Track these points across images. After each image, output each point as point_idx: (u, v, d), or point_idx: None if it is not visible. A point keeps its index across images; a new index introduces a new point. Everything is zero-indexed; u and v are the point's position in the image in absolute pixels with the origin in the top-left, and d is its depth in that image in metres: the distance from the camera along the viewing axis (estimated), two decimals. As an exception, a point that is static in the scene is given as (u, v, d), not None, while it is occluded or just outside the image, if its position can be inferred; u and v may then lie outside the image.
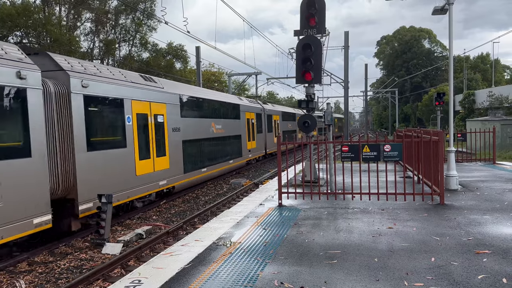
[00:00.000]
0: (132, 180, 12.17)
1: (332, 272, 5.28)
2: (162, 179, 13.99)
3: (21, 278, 7.90)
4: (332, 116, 12.44)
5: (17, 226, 8.03)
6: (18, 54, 8.47)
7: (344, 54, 32.35)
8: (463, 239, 6.52)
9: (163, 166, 14.06)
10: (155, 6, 38.41)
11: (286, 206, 9.69)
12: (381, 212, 8.63)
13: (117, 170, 11.41)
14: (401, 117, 72.07)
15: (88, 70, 10.81)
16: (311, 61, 11.16)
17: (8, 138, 8.00)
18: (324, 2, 11.47)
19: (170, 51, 44.25)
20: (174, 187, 15.15)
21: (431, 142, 9.68)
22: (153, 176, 13.45)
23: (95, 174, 10.48)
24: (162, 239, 10.40)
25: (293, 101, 78.65)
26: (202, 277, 5.29)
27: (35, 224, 8.44)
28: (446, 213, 8.38)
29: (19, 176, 8.03)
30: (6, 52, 8.19)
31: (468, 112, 46.29)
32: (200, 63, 30.93)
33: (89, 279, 7.67)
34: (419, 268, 5.32)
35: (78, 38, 34.85)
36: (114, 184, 11.21)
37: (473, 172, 14.49)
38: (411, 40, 76.09)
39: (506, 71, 79.75)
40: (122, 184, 11.64)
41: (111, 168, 11.16)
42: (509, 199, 9.55)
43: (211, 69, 57.52)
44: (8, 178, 7.79)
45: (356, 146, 9.24)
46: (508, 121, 30.01)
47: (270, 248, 6.40)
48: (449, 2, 11.19)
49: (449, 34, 11.30)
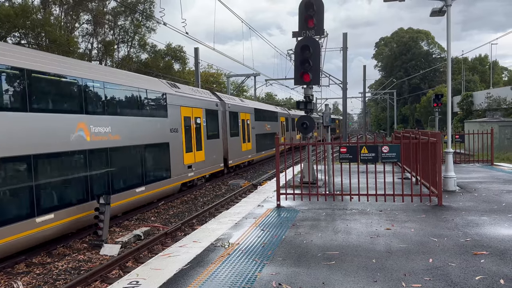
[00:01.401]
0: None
1: (330, 273, 5.28)
2: None
3: (19, 279, 7.88)
4: (330, 117, 12.46)
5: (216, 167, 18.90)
6: (210, 94, 20.41)
7: (342, 55, 32.38)
8: (461, 240, 6.53)
9: None
10: (154, 7, 38.45)
11: (284, 207, 9.69)
12: (379, 213, 8.63)
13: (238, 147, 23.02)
14: (399, 118, 72.16)
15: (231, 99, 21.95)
16: (310, 62, 11.17)
17: (215, 130, 19.76)
18: (323, 4, 11.50)
19: (169, 52, 44.25)
20: None
21: (429, 144, 9.70)
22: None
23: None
24: (160, 240, 10.39)
25: (292, 102, 78.77)
26: (200, 278, 5.28)
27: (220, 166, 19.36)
28: (444, 214, 8.39)
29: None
30: (209, 95, 19.74)
31: (466, 113, 46.37)
32: (199, 64, 30.92)
33: (87, 280, 7.66)
34: (417, 269, 5.33)
35: (77, 39, 34.83)
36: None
37: (471, 174, 14.51)
38: (409, 41, 76.27)
39: (504, 72, 79.90)
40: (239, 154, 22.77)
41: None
42: (507, 201, 9.57)
43: (209, 70, 57.55)
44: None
45: (354, 147, 9.25)
46: (506, 123, 30.08)
47: (268, 249, 6.40)
48: (447, 4, 11.21)
49: (447, 35, 11.33)
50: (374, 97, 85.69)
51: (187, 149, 16.68)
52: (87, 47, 37.40)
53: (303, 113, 11.95)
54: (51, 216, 9.33)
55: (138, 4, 37.13)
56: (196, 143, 17.62)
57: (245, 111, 25.55)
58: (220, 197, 16.46)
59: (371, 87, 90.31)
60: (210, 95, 20.74)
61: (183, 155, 16.28)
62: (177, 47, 44.94)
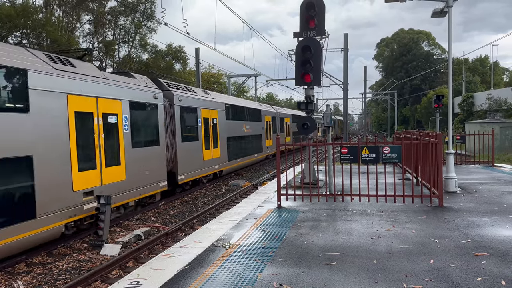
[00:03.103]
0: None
1: (331, 274, 5.28)
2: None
3: (19, 279, 7.88)
4: (331, 118, 12.45)
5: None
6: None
7: (343, 56, 32.40)
8: (462, 241, 6.52)
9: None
10: (155, 8, 38.47)
11: (285, 207, 9.68)
12: (380, 214, 8.63)
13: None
14: (400, 119, 72.17)
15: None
16: (311, 63, 11.17)
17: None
18: (324, 4, 11.49)
19: (170, 52, 44.27)
20: None
21: (430, 144, 9.69)
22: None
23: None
24: (161, 241, 10.39)
25: (292, 102, 78.77)
26: (200, 279, 5.28)
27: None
28: (445, 215, 8.38)
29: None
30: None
31: (467, 114, 46.37)
32: (200, 64, 30.94)
33: (88, 280, 7.66)
34: (418, 270, 5.32)
35: (77, 39, 34.87)
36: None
37: (472, 175, 14.50)
38: (410, 42, 76.32)
39: (505, 73, 79.92)
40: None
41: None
42: (508, 202, 9.56)
43: (210, 70, 57.60)
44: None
45: (355, 148, 9.24)
46: (507, 124, 30.08)
47: (269, 250, 6.40)
48: (448, 5, 11.21)
49: (448, 36, 11.32)
50: (375, 98, 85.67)
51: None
52: (88, 47, 37.44)
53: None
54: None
55: (139, 4, 37.18)
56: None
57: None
58: (220, 198, 16.45)
59: (372, 87, 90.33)
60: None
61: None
62: (178, 47, 44.98)
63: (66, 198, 9.69)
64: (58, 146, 9.51)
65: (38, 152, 8.85)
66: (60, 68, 9.97)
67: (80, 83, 10.41)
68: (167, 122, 15.10)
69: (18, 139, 8.37)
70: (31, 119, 8.74)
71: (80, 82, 10.44)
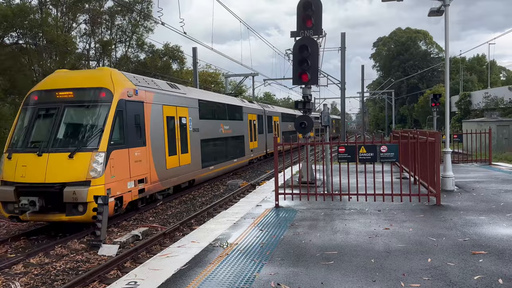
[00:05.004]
0: None
1: (328, 273, 5.28)
2: None
3: (17, 280, 7.85)
4: (329, 117, 12.46)
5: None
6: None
7: (341, 55, 32.43)
8: (459, 240, 6.53)
9: None
10: (151, 7, 38.40)
11: (283, 207, 9.68)
12: (377, 213, 8.64)
13: None
14: (397, 118, 72.27)
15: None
16: (308, 62, 11.17)
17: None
18: (321, 3, 11.49)
19: (167, 52, 44.18)
20: None
21: (428, 143, 9.71)
22: None
23: None
24: (159, 241, 10.37)
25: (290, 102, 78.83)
26: (198, 279, 5.27)
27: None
28: (443, 214, 8.40)
29: None
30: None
31: (464, 113, 46.50)
32: (197, 64, 30.90)
33: (85, 281, 7.64)
34: (415, 269, 5.33)
35: (74, 39, 34.79)
36: None
37: (469, 173, 14.53)
38: (408, 41, 76.42)
39: (502, 72, 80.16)
40: None
41: None
42: (505, 200, 9.59)
43: (208, 70, 57.53)
44: None
45: (353, 147, 9.25)
46: (504, 122, 30.16)
47: (266, 249, 6.40)
48: (445, 4, 11.23)
49: (445, 35, 11.34)
50: (373, 97, 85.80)
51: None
52: (85, 47, 37.37)
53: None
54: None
55: (135, 4, 37.11)
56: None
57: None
58: (218, 197, 16.43)
59: (369, 87, 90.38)
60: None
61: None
62: (175, 47, 44.89)
63: None
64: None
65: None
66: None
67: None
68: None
69: None
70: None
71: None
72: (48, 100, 11.81)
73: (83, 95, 11.71)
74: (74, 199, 10.27)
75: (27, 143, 11.31)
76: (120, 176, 11.53)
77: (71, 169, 10.53)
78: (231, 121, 22.52)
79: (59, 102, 11.62)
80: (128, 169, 12.01)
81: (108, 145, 11.03)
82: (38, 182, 10.42)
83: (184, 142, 16.37)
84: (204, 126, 18.50)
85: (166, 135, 14.71)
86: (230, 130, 22.11)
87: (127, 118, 12.16)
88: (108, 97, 11.60)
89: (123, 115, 11.95)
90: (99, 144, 10.91)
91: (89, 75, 12.71)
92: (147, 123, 13.30)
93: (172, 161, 15.16)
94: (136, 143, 12.59)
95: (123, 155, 11.82)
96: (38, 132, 11.48)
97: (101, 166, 10.76)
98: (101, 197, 10.03)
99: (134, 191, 12.34)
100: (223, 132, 21.11)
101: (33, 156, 10.77)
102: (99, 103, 11.58)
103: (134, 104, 12.64)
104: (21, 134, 11.51)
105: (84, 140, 11.10)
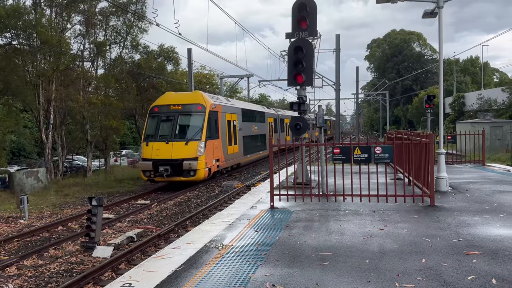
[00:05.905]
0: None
1: (323, 274, 5.29)
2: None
3: (10, 282, 7.80)
4: (324, 118, 12.50)
5: None
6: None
7: (335, 57, 32.50)
8: (453, 240, 6.57)
9: None
10: (146, 8, 38.25)
11: (278, 208, 9.69)
12: (372, 214, 8.67)
13: None
14: (392, 119, 72.57)
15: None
16: (303, 63, 11.19)
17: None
18: (316, 5, 11.53)
19: (162, 53, 44.06)
20: None
21: (422, 144, 9.76)
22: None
23: None
24: (154, 242, 10.35)
25: (285, 103, 78.84)
26: (193, 280, 5.27)
27: None
28: (437, 214, 8.44)
29: None
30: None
31: (458, 114, 46.79)
32: (192, 65, 30.85)
33: (80, 283, 7.61)
34: (410, 269, 5.35)
35: (69, 39, 34.59)
36: None
37: (463, 174, 14.62)
38: (402, 43, 76.80)
39: (495, 74, 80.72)
40: None
41: None
42: (499, 201, 9.65)
43: (202, 71, 57.44)
44: None
45: (348, 148, 9.28)
46: (497, 123, 30.40)
47: (262, 251, 6.40)
48: (438, 5, 11.30)
49: (439, 36, 11.41)
50: (367, 99, 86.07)
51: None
52: (79, 48, 37.16)
53: (293, 114, 12.00)
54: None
55: (130, 5, 36.96)
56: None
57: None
58: (213, 199, 16.42)
59: (364, 88, 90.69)
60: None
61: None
62: (170, 48, 44.77)
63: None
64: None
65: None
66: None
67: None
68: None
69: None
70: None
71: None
72: (166, 111, 19.59)
73: (188, 108, 19.56)
74: (189, 167, 18.15)
75: (158, 136, 19.17)
76: (210, 156, 19.45)
77: (186, 151, 18.43)
78: (258, 123, 30.09)
79: (173, 112, 19.46)
80: (213, 152, 19.93)
81: (206, 138, 18.94)
82: (168, 158, 18.23)
83: (235, 137, 23.93)
84: (244, 126, 26.11)
85: (227, 132, 22.40)
86: (258, 129, 29.50)
87: (212, 121, 19.99)
88: (203, 109, 19.52)
89: (210, 120, 19.66)
90: (201, 137, 18.87)
91: (189, 95, 20.77)
92: (219, 124, 21.02)
93: (230, 149, 23.02)
94: (215, 137, 20.42)
95: (211, 144, 19.66)
96: (163, 130, 19.35)
97: (203, 149, 18.71)
98: (95, 198, 10.01)
99: (214, 166, 20.21)
100: (254, 131, 28.58)
101: (163, 144, 18.67)
102: (198, 113, 19.44)
103: (214, 113, 20.45)
104: (152, 131, 19.40)
105: (192, 134, 19.01)
